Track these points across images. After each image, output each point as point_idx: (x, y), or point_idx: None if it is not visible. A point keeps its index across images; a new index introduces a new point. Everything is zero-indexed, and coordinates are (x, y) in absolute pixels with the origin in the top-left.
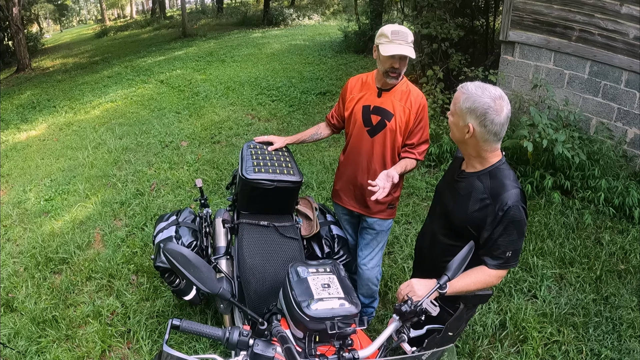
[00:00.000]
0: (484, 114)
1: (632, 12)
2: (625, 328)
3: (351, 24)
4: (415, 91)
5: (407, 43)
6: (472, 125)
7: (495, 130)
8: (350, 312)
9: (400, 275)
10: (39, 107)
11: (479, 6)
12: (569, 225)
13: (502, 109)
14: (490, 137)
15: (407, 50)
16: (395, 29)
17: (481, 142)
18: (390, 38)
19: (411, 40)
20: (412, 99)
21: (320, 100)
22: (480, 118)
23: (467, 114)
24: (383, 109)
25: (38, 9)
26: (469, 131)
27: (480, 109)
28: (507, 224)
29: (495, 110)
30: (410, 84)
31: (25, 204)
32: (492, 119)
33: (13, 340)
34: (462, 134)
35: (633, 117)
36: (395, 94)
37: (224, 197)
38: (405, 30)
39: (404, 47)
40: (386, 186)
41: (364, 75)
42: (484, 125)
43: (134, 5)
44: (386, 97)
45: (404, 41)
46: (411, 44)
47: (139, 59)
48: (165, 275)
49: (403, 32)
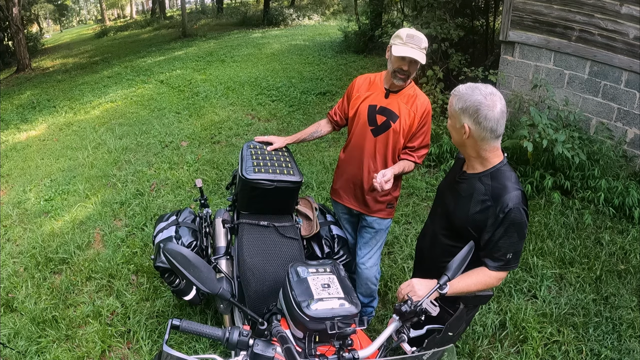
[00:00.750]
0: (477, 111)
1: (632, 12)
2: (625, 328)
3: (351, 24)
4: (422, 96)
5: (420, 48)
6: (467, 125)
7: (490, 127)
8: (350, 312)
9: (400, 275)
10: (39, 107)
11: (479, 6)
12: (569, 225)
13: (494, 104)
14: (487, 134)
15: (417, 55)
16: (411, 33)
17: (479, 141)
18: (404, 40)
19: (424, 47)
20: (418, 103)
21: (320, 100)
22: (474, 116)
23: (461, 114)
24: (389, 110)
25: (38, 9)
26: (465, 132)
27: (472, 106)
28: (507, 226)
29: (487, 106)
30: (418, 89)
31: (25, 204)
32: (485, 114)
33: (13, 340)
34: (460, 136)
35: (633, 117)
36: (402, 97)
37: (224, 197)
38: (421, 36)
39: (415, 52)
40: (382, 184)
41: (372, 75)
42: (478, 122)
43: (134, 5)
44: (393, 98)
45: (417, 46)
46: (424, 50)
47: (138, 59)
48: (165, 275)
49: (418, 37)
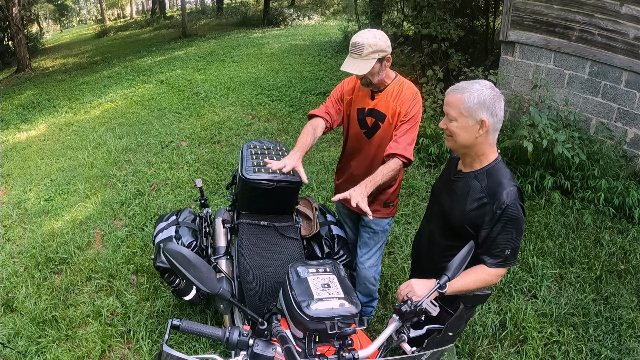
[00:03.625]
0: (493, 104)
1: (632, 12)
2: (625, 328)
3: (351, 24)
4: (407, 88)
5: (362, 57)
6: (485, 119)
7: (501, 116)
8: (350, 312)
9: (400, 275)
10: (39, 107)
11: (479, 6)
12: (569, 225)
13: (499, 95)
14: (499, 124)
15: (356, 67)
16: (354, 41)
17: (492, 133)
18: (349, 50)
19: (369, 52)
20: (402, 96)
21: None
22: (492, 108)
23: (478, 109)
24: (377, 111)
25: (38, 9)
26: (483, 126)
27: (489, 100)
28: (505, 222)
29: (499, 97)
30: (407, 82)
31: (25, 204)
32: (500, 105)
33: (13, 340)
34: (472, 135)
35: (633, 117)
36: (388, 94)
37: (224, 197)
38: (363, 41)
39: (355, 63)
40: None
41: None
42: (496, 114)
43: (134, 5)
44: (379, 97)
45: (358, 55)
46: (369, 57)
47: (139, 59)
48: (165, 275)
49: (360, 45)
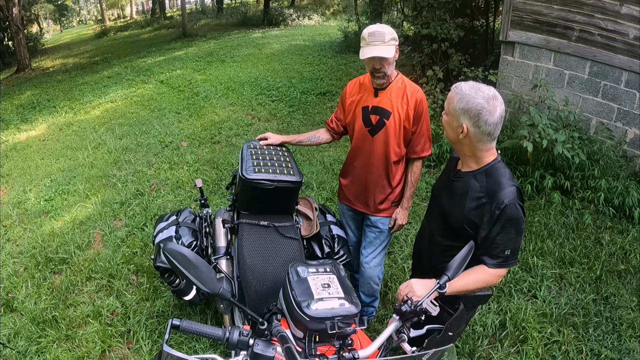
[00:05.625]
0: (478, 115)
1: (632, 12)
2: (625, 328)
3: (351, 24)
4: (410, 87)
5: (384, 43)
6: (465, 126)
7: (489, 131)
8: (350, 312)
9: (400, 275)
10: (39, 107)
11: (479, 6)
12: (569, 225)
13: (495, 109)
14: (484, 137)
15: (381, 51)
16: (372, 30)
17: (475, 142)
18: (367, 40)
19: (390, 39)
20: (408, 93)
21: (321, 100)
22: (474, 119)
23: (461, 114)
24: (381, 108)
25: (38, 9)
26: (463, 131)
27: (474, 109)
28: (504, 222)
29: (488, 111)
30: (407, 79)
31: (25, 204)
32: (485, 119)
33: (13, 340)
34: (456, 134)
35: (633, 117)
36: (392, 92)
37: (224, 197)
38: (382, 29)
39: (379, 48)
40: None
41: (362, 77)
42: (478, 126)
43: (134, 5)
44: (383, 95)
45: (381, 41)
46: (390, 43)
47: (139, 59)
48: (165, 275)
49: (379, 32)
